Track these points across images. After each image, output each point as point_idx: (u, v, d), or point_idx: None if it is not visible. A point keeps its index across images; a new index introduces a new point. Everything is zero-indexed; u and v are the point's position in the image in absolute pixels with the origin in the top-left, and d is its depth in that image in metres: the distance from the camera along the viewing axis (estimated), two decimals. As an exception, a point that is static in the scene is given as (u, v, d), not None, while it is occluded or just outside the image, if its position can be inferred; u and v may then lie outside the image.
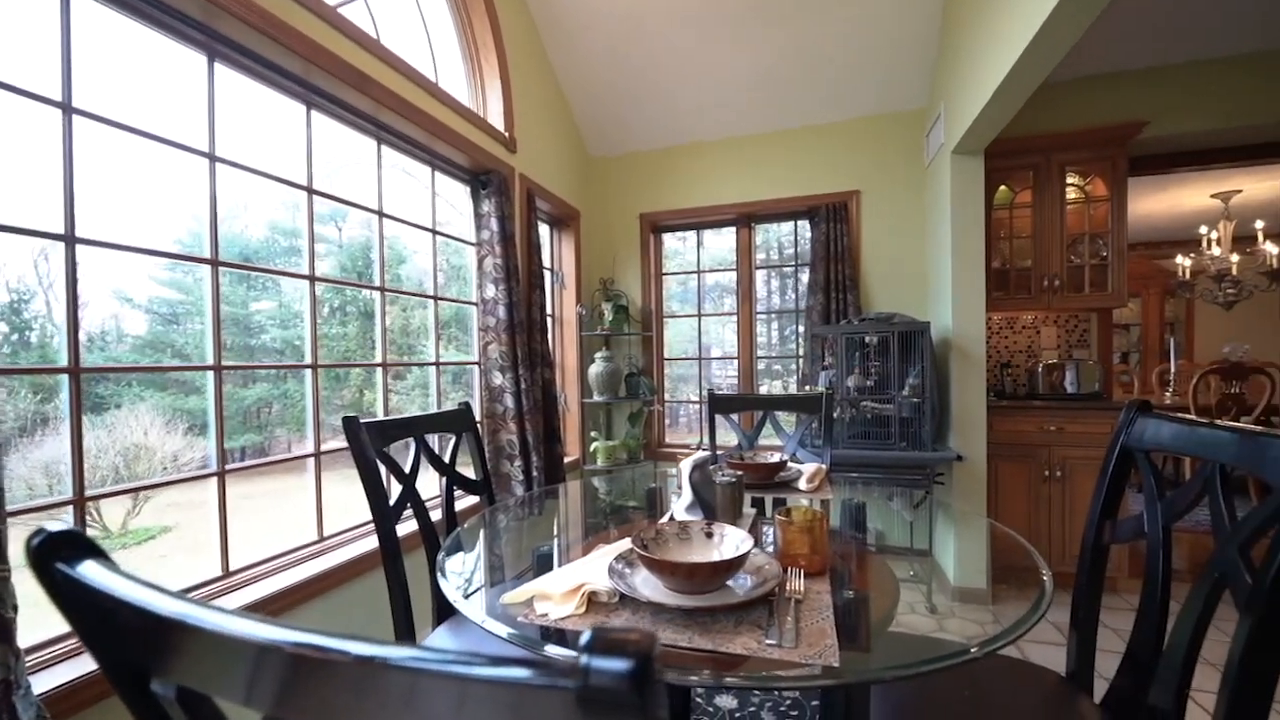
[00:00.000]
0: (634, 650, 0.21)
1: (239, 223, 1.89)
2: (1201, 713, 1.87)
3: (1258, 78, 2.53)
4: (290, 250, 2.00)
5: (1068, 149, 2.64)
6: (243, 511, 2.09)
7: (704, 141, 3.46)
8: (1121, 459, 1.16)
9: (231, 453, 2.00)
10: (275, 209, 2.00)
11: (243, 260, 1.80)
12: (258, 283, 2.00)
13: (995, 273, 2.80)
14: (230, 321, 1.88)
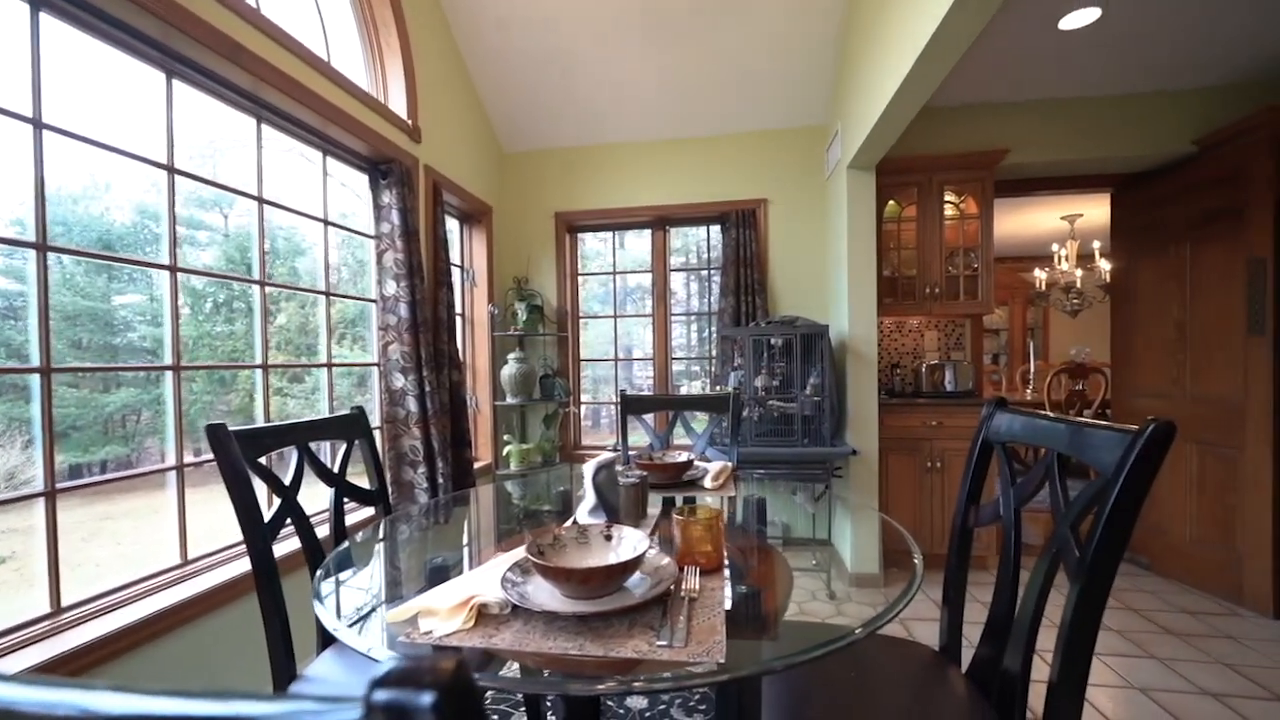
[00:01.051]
0: (434, 680, 0.19)
1: (98, 205, 1.65)
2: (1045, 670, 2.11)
3: (1092, 119, 2.92)
4: (164, 237, 1.78)
5: (946, 170, 2.92)
6: (102, 535, 1.82)
7: (620, 143, 3.48)
8: (983, 450, 1.29)
9: (89, 467, 1.74)
10: (146, 191, 1.76)
11: (103, 248, 1.56)
12: (122, 273, 1.76)
13: (886, 280, 3.03)
14: (87, 316, 1.64)
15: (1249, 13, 2.27)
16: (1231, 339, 2.54)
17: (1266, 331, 2.39)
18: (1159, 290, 2.93)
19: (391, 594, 1.07)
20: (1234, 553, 2.56)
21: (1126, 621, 2.43)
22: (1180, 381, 2.81)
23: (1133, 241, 3.11)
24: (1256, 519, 2.45)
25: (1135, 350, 3.09)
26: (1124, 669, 2.06)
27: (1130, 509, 0.83)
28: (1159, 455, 0.82)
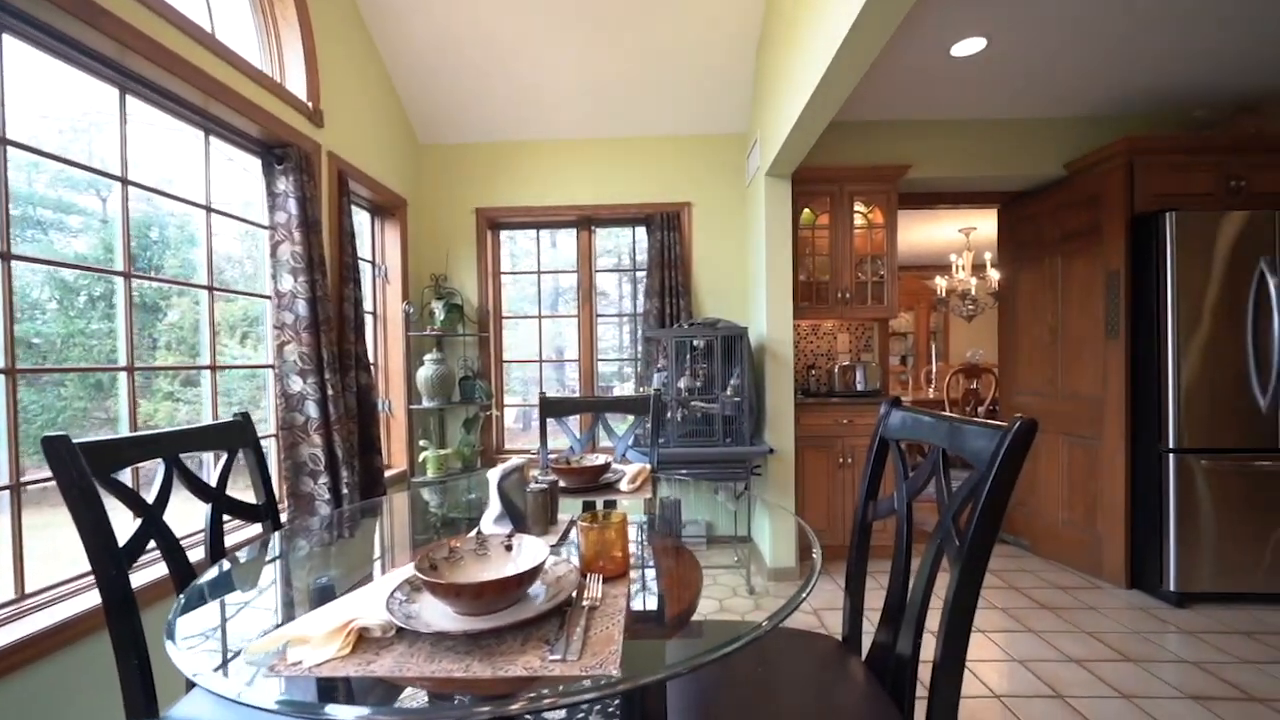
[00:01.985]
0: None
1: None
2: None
3: (982, 141, 3.20)
4: (27, 221, 1.54)
5: (855, 181, 3.08)
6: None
7: (544, 140, 3.41)
8: (881, 447, 1.35)
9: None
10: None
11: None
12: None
13: (802, 285, 3.16)
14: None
15: (1107, 54, 2.56)
16: (1094, 342, 2.85)
17: (1120, 335, 2.71)
18: (1036, 298, 3.24)
19: (263, 621, 0.97)
20: (1096, 533, 2.88)
21: (1009, 599, 2.66)
22: (1054, 380, 3.12)
23: (1015, 253, 3.43)
24: (1113, 502, 2.77)
25: (1018, 352, 3.41)
26: (1006, 643, 2.25)
27: (1001, 497, 0.89)
28: (1023, 449, 0.89)
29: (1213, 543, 2.54)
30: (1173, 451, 2.55)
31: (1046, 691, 1.92)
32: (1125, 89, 2.88)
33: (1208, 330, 2.53)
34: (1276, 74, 2.75)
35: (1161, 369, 2.57)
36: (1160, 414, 2.58)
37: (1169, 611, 2.52)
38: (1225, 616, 2.46)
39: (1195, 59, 2.61)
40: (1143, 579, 2.70)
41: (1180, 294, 2.52)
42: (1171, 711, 1.81)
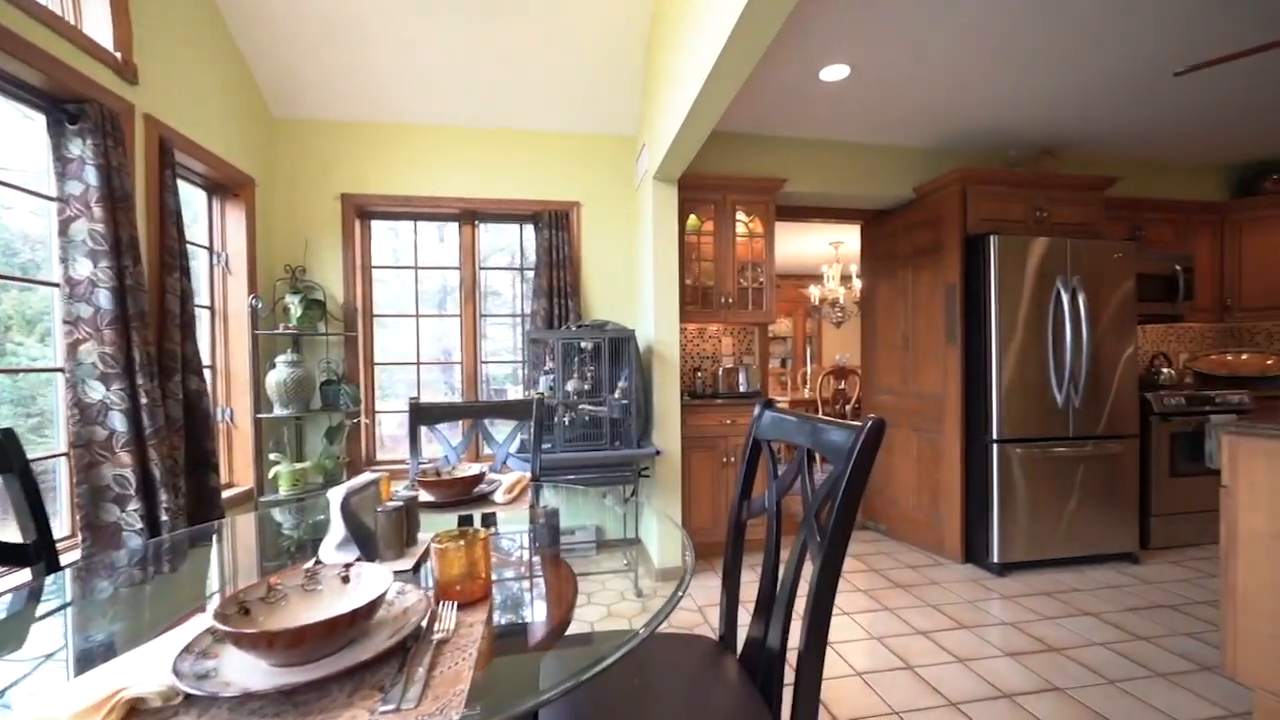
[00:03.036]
0: None
1: None
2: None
3: (849, 161, 3.49)
4: None
5: (738, 191, 3.22)
6: None
7: (424, 126, 3.17)
8: (754, 448, 1.39)
9: None
10: None
11: None
12: None
13: (689, 289, 3.23)
14: None
15: (949, 96, 2.90)
16: (937, 346, 3.22)
17: (958, 340, 3.08)
18: (892, 306, 3.60)
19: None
20: (939, 515, 3.25)
21: (870, 581, 2.91)
22: (906, 380, 3.49)
23: (875, 266, 3.78)
24: (951, 488, 3.14)
25: (877, 355, 3.76)
26: (867, 623, 2.46)
27: (855, 490, 0.94)
28: (874, 446, 0.94)
29: (1025, 518, 2.97)
30: (995, 442, 2.94)
31: (899, 664, 2.12)
32: (961, 126, 3.29)
33: (1021, 337, 2.95)
34: (1067, 127, 3.30)
35: (987, 370, 2.96)
36: (986, 409, 2.97)
37: (993, 580, 2.90)
38: (1034, 580, 2.89)
39: (1013, 108, 3.05)
40: (974, 553, 3.09)
41: (1001, 305, 2.93)
42: (994, 669, 2.07)
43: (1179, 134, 3.49)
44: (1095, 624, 2.41)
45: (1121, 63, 2.62)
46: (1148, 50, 2.52)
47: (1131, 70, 2.69)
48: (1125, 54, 2.55)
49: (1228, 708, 1.83)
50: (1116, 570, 3.01)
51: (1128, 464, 3.09)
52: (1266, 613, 1.72)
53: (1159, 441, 3.27)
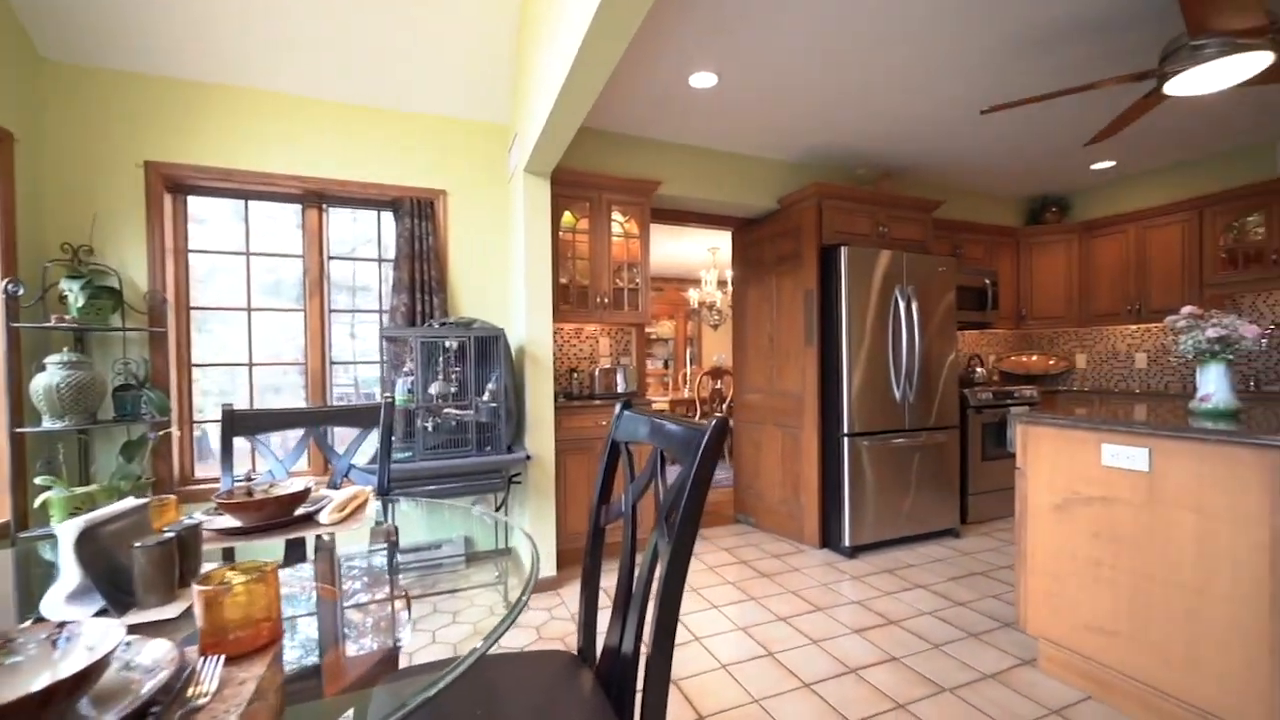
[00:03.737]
0: None
1: None
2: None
3: (721, 169, 3.63)
4: None
5: (614, 190, 3.20)
6: None
7: (262, 91, 2.76)
8: (613, 450, 1.34)
9: None
10: None
11: None
12: None
13: (564, 288, 3.15)
14: None
15: (808, 115, 3.11)
16: (798, 349, 3.45)
17: (814, 343, 3.33)
18: (760, 310, 3.81)
19: None
20: (800, 505, 3.48)
21: (739, 573, 3.03)
22: (772, 380, 3.69)
23: (745, 272, 3.98)
24: (810, 479, 3.38)
25: (747, 356, 3.95)
26: (734, 614, 2.54)
27: (700, 490, 0.92)
28: (716, 446, 0.93)
29: (872, 504, 3.27)
30: (846, 436, 3.21)
31: (761, 652, 2.20)
32: (819, 145, 3.57)
33: (869, 340, 3.26)
34: (904, 153, 3.72)
35: (839, 370, 3.22)
36: (839, 406, 3.23)
37: (845, 562, 3.16)
38: (878, 560, 3.19)
39: (860, 133, 3.36)
40: (830, 538, 3.34)
41: (850, 311, 3.20)
42: (843, 646, 2.23)
43: (987, 167, 4.09)
44: (925, 595, 2.71)
45: (939, 103, 2.99)
46: (961, 93, 2.90)
47: (950, 108, 3.08)
48: (943, 95, 2.91)
49: (1021, 657, 2.13)
50: (942, 545, 3.43)
51: (951, 451, 3.54)
52: (1048, 573, 2.02)
53: (974, 431, 3.78)
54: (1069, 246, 4.46)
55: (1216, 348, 1.95)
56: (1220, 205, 3.66)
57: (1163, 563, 1.70)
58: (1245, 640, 1.54)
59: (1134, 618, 1.77)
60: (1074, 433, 1.93)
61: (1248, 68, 2.01)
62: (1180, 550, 1.67)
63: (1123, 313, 4.16)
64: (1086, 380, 4.65)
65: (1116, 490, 1.81)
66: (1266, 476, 1.51)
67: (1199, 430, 1.63)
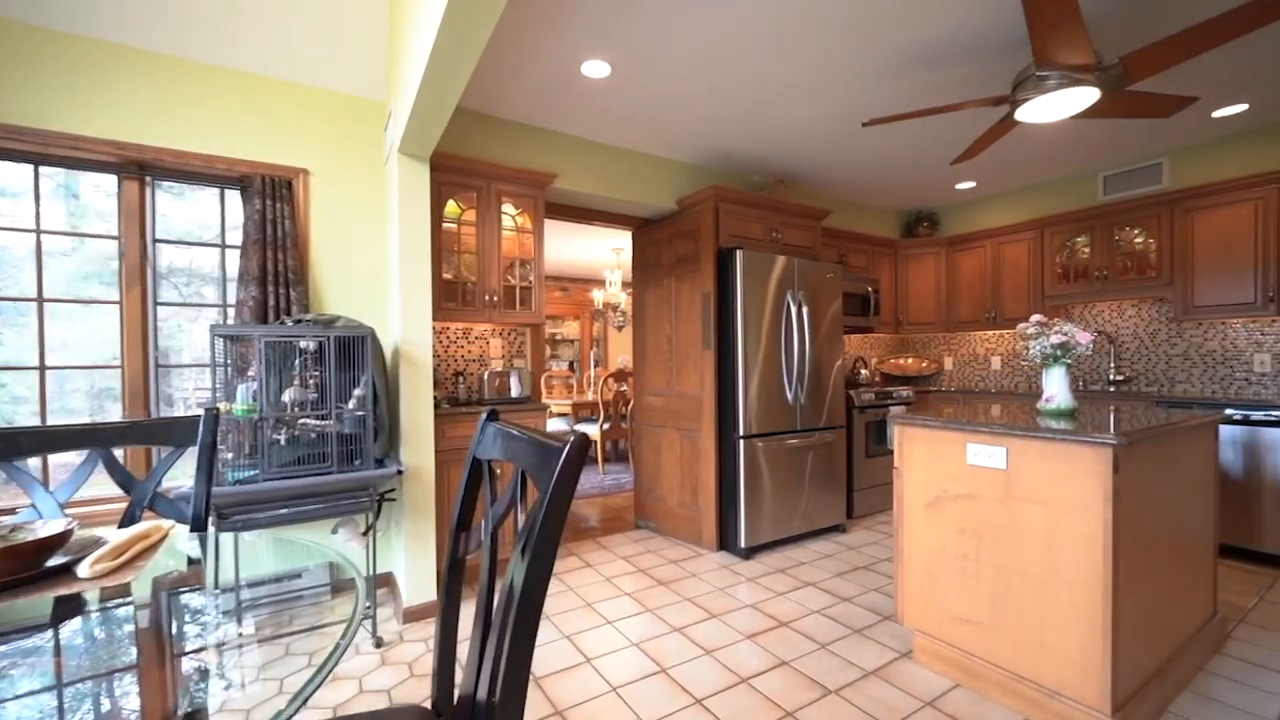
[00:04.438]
0: None
1: None
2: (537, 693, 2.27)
3: (620, 167, 3.53)
4: None
5: (505, 181, 2.99)
6: None
7: (64, 34, 2.24)
8: (475, 468, 1.17)
9: None
10: None
11: None
12: None
13: (449, 284, 2.89)
14: None
15: (704, 117, 3.10)
16: (696, 351, 3.43)
17: (711, 346, 3.32)
18: (659, 312, 3.76)
19: None
20: (698, 508, 3.46)
21: (636, 583, 2.93)
22: (671, 383, 3.65)
23: (644, 273, 3.91)
24: (708, 482, 3.37)
25: (646, 358, 3.89)
26: (630, 628, 2.43)
27: (556, 515, 0.81)
28: (575, 466, 0.81)
29: (767, 504, 3.32)
30: (742, 438, 3.23)
31: (654, 669, 2.11)
32: (716, 148, 3.58)
33: (763, 343, 3.30)
34: (796, 162, 3.84)
35: (735, 373, 3.23)
36: (735, 408, 3.25)
37: (741, 564, 3.17)
38: (772, 559, 3.24)
39: (756, 139, 3.41)
40: (727, 541, 3.35)
41: (746, 314, 3.23)
42: (736, 655, 2.20)
43: (870, 181, 4.34)
44: (814, 593, 2.77)
45: (829, 115, 3.10)
46: (848, 109, 3.02)
47: (839, 122, 3.21)
48: (832, 107, 3.01)
49: (899, 650, 2.22)
50: (831, 540, 3.57)
51: (839, 450, 3.70)
52: (922, 569, 2.11)
53: (859, 430, 3.99)
54: (938, 259, 4.87)
55: (1059, 353, 2.14)
56: (1056, 227, 4.15)
57: (1017, 554, 1.82)
58: (1083, 623, 1.67)
59: (994, 607, 1.88)
60: (943, 433, 2.03)
61: (1080, 101, 2.23)
62: (1031, 542, 1.78)
63: (981, 320, 4.60)
64: (953, 381, 5.11)
65: (980, 487, 1.92)
66: (1100, 470, 1.64)
67: (1045, 430, 1.75)
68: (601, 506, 4.51)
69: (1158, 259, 3.66)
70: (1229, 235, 3.38)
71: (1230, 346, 3.60)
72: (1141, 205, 3.73)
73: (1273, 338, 3.44)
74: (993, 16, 2.26)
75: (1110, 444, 1.61)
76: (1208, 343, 3.69)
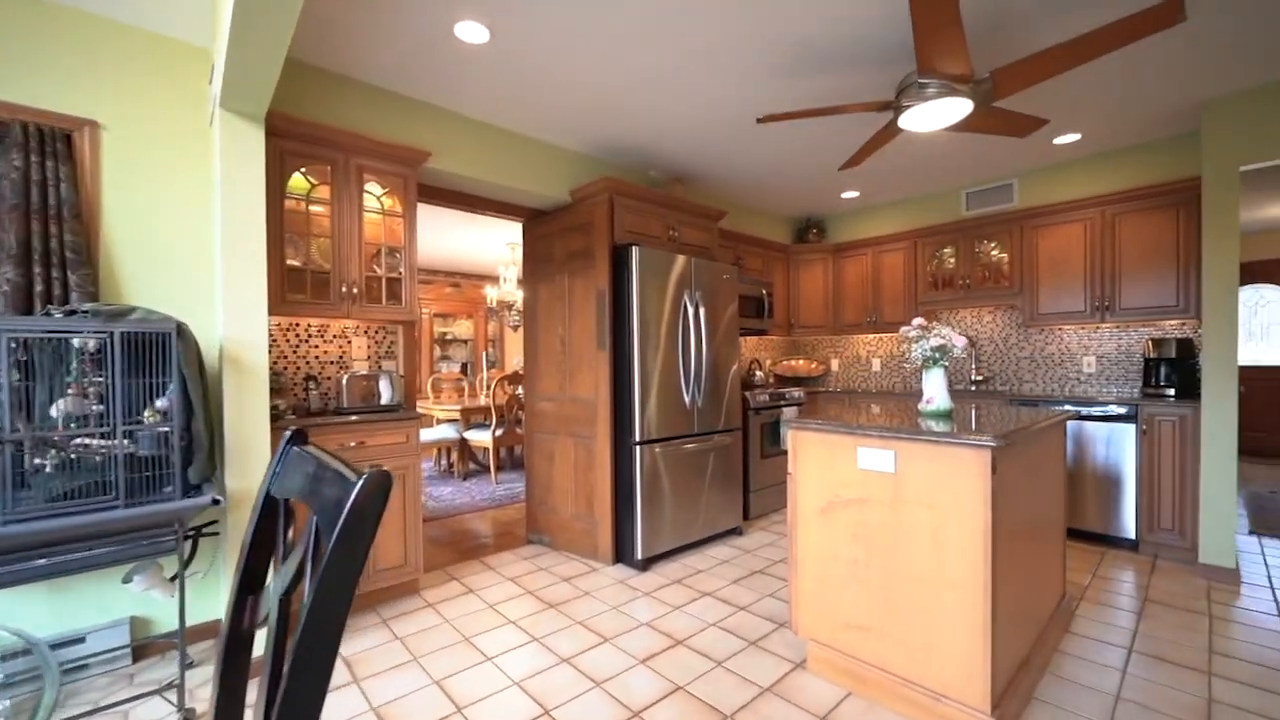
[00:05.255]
0: None
1: None
2: None
3: (507, 150, 3.24)
4: None
5: (368, 155, 2.59)
6: None
7: None
8: (268, 508, 0.87)
9: None
10: None
11: None
12: None
13: (295, 272, 2.44)
14: None
15: (597, 104, 2.90)
16: (590, 352, 3.23)
17: (606, 347, 3.13)
18: (551, 310, 3.51)
19: None
20: (594, 520, 3.25)
21: (523, 607, 2.66)
22: (564, 387, 3.42)
23: (536, 268, 3.64)
24: (603, 491, 3.18)
25: (539, 360, 3.62)
26: (512, 664, 2.16)
27: (343, 573, 0.56)
28: (369, 511, 0.57)
29: (664, 512, 3.19)
30: (639, 443, 3.08)
31: (535, 711, 1.86)
32: (611, 137, 3.40)
33: (660, 344, 3.17)
34: (694, 161, 3.77)
35: (632, 375, 3.07)
36: (631, 412, 3.08)
37: (638, 577, 3.01)
38: (670, 569, 3.11)
39: (652, 133, 3.28)
40: (623, 552, 3.17)
41: (642, 314, 3.08)
42: (629, 685, 2.01)
43: (765, 185, 4.40)
44: (711, 604, 2.67)
45: (724, 111, 3.04)
46: (743, 109, 2.97)
47: (735, 121, 3.16)
48: (728, 103, 2.95)
49: (793, 660, 2.16)
50: (728, 545, 3.52)
51: (736, 452, 3.67)
52: (815, 576, 2.06)
53: (754, 431, 4.01)
54: (825, 264, 5.07)
55: (937, 355, 2.19)
56: (927, 238, 4.47)
57: (905, 558, 1.81)
58: (966, 623, 1.68)
59: (884, 612, 1.86)
60: (835, 437, 1.99)
61: (955, 112, 2.32)
62: (919, 545, 1.78)
63: (864, 323, 4.84)
64: (838, 382, 5.36)
65: (871, 491, 1.89)
66: (980, 472, 1.66)
67: (930, 433, 1.75)
68: (493, 520, 4.16)
69: (1010, 270, 4.04)
70: (1065, 251, 3.79)
71: (1065, 350, 4.05)
72: (996, 221, 4.09)
73: (1097, 342, 3.91)
74: (886, 22, 2.29)
75: (989, 446, 1.63)
76: (1048, 346, 4.13)
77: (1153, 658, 2.16)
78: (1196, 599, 2.69)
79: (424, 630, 2.44)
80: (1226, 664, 2.11)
